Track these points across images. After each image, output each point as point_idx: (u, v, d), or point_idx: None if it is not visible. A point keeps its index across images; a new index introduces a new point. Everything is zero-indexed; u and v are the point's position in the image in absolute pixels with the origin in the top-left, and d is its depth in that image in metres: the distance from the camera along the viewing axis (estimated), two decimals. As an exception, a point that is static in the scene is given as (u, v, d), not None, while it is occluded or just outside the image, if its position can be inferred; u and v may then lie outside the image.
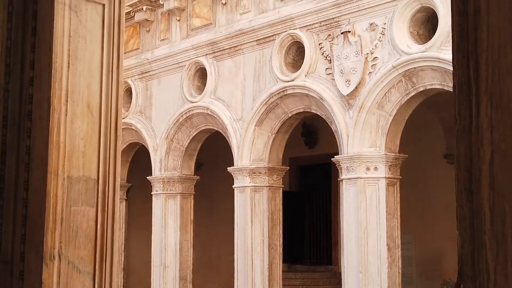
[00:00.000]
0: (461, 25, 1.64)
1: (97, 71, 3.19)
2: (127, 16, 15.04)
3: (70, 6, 3.10)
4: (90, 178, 3.18)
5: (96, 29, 3.20)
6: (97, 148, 3.19)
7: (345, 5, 10.76)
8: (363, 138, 10.47)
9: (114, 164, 3.22)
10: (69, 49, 3.13)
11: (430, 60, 9.73)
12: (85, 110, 3.15)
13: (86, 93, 3.16)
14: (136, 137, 14.90)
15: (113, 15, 3.23)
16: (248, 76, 12.35)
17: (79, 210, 3.13)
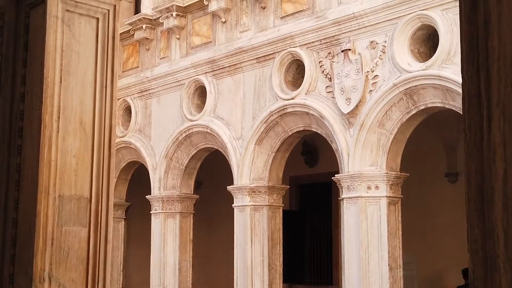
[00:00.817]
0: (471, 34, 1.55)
1: (90, 86, 3.09)
2: (127, 34, 15.03)
3: (63, 20, 3.01)
4: (83, 197, 3.07)
5: (90, 43, 3.11)
6: (89, 166, 3.09)
7: (345, 23, 10.71)
8: (364, 157, 10.37)
9: (108, 183, 3.12)
10: (62, 64, 3.04)
11: (431, 78, 9.65)
12: (77, 126, 3.05)
13: (79, 109, 3.07)
14: (135, 156, 14.81)
15: (107, 29, 3.15)
16: (248, 94, 12.28)
17: (71, 230, 3.02)
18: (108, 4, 3.20)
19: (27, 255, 2.98)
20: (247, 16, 12.48)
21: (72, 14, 3.05)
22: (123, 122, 15.13)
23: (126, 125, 15.00)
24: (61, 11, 3.01)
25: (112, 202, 3.18)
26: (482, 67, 1.49)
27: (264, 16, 12.17)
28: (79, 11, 3.09)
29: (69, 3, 3.04)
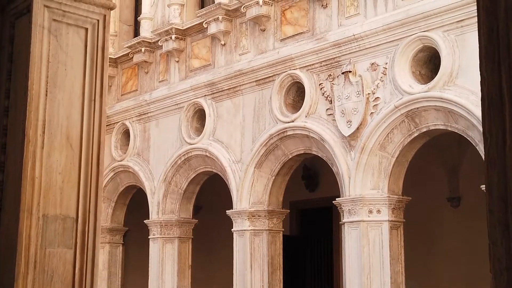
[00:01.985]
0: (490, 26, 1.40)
1: (78, 100, 2.93)
2: (126, 57, 14.97)
3: (49, 30, 2.86)
4: (68, 216, 2.89)
5: (78, 54, 2.96)
6: (76, 183, 2.92)
7: (346, 45, 10.60)
8: (365, 180, 10.20)
9: (95, 202, 2.94)
10: (47, 75, 2.88)
11: (433, 100, 9.52)
12: (63, 142, 2.89)
13: (65, 123, 2.90)
14: (134, 180, 14.64)
15: (96, 40, 3.00)
16: (247, 117, 12.15)
17: (55, 252, 2.84)
18: (98, 14, 3.05)
19: (7, 278, 2.79)
20: (247, 39, 12.39)
21: (59, 24, 2.90)
22: (122, 145, 15.00)
23: (124, 148, 14.86)
24: (48, 20, 2.86)
25: (100, 223, 3.00)
26: (504, 63, 1.34)
27: (264, 39, 12.08)
28: (66, 21, 2.94)
29: (56, 13, 2.89)
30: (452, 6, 9.38)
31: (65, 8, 2.94)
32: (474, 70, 9.33)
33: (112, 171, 14.96)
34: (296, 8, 11.62)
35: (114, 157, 14.98)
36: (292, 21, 11.65)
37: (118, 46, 15.44)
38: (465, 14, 9.29)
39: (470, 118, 9.06)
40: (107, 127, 15.12)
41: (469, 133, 9.32)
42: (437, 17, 9.57)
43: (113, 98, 15.44)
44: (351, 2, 10.77)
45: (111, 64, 15.31)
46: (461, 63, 9.34)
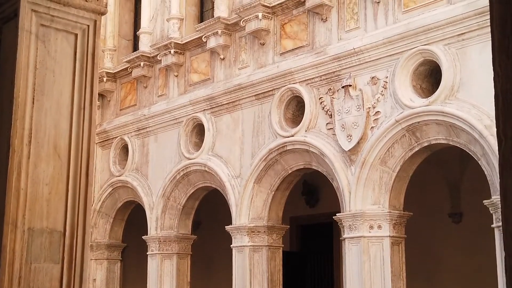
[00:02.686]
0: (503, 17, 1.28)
1: (66, 108, 2.82)
2: (125, 72, 14.89)
3: (37, 35, 2.75)
4: (55, 230, 2.77)
5: (67, 61, 2.84)
6: (64, 195, 2.79)
7: (346, 58, 10.51)
8: (366, 195, 10.08)
9: (84, 215, 2.81)
10: (35, 83, 2.77)
11: (434, 114, 9.41)
12: (51, 152, 2.77)
13: (53, 133, 2.79)
14: (132, 195, 14.52)
15: (86, 46, 2.88)
16: (246, 131, 12.04)
17: (41, 268, 2.71)
18: (88, 19, 2.94)
19: (-9, 295, 2.67)
20: (246, 53, 12.31)
21: (47, 29, 2.79)
22: (120, 161, 14.88)
23: (123, 164, 14.75)
24: (35, 25, 2.76)
25: (89, 236, 2.87)
26: (519, 57, 1.23)
27: (263, 53, 12.00)
28: (55, 26, 2.84)
29: (45, 17, 2.78)
30: (453, 20, 9.30)
31: (54, 13, 2.83)
32: (475, 84, 9.27)
33: (110, 186, 14.84)
34: (295, 22, 11.55)
35: (112, 172, 14.86)
36: (292, 35, 11.57)
37: (117, 60, 15.37)
38: (466, 27, 9.20)
39: (472, 132, 8.94)
40: (106, 142, 15.05)
41: (471, 147, 9.21)
42: (438, 31, 9.48)
43: (111, 113, 15.35)
44: (351, 16, 10.69)
45: (110, 79, 15.23)
46: (462, 76, 9.24)
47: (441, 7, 9.53)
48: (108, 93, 15.38)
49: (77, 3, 2.88)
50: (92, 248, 14.99)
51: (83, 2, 2.89)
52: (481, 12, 8.98)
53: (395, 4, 10.15)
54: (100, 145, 15.36)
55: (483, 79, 9.00)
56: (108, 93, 15.38)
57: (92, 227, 15.02)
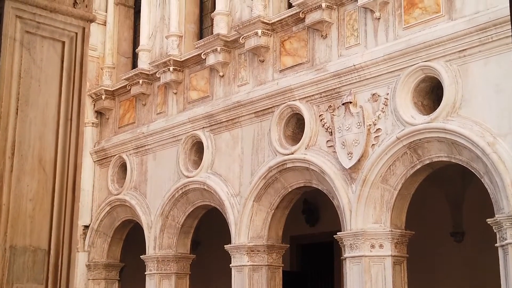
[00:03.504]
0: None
1: (52, 119, 2.68)
2: (123, 90, 14.81)
3: (21, 43, 2.63)
4: (39, 248, 2.62)
5: (54, 70, 2.71)
6: (49, 211, 2.64)
7: (346, 75, 10.41)
8: (367, 214, 9.93)
9: (70, 232, 2.66)
10: (19, 92, 2.63)
11: (436, 131, 9.28)
12: (35, 165, 2.63)
13: (38, 145, 2.65)
14: (130, 214, 14.36)
15: (74, 54, 2.75)
16: (246, 149, 11.92)
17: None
18: (76, 26, 2.81)
19: (-31, 318, 2.51)
20: (245, 70, 12.22)
21: (33, 36, 2.66)
22: (118, 179, 14.75)
23: (121, 182, 14.61)
24: (20, 32, 2.63)
25: (75, 255, 2.72)
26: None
27: (263, 70, 11.91)
28: (41, 33, 2.71)
29: (30, 24, 2.66)
30: (454, 36, 9.20)
31: (40, 19, 2.71)
32: (477, 100, 9.15)
33: (108, 205, 14.70)
34: (295, 39, 11.46)
35: (110, 191, 14.73)
36: (292, 52, 11.48)
37: (115, 78, 15.28)
38: (467, 43, 9.10)
39: (474, 150, 8.81)
40: (104, 161, 14.93)
41: (474, 165, 9.07)
42: (439, 47, 9.38)
43: (110, 130, 15.24)
44: (351, 32, 10.60)
45: (109, 97, 15.14)
46: (464, 93, 9.12)
47: (442, 23, 9.44)
48: (106, 111, 15.28)
49: (64, 9, 2.75)
50: (90, 268, 14.81)
51: (71, 8, 2.77)
52: (482, 28, 8.89)
53: (395, 20, 10.07)
54: (98, 163, 15.24)
55: (485, 96, 8.89)
56: (106, 111, 15.28)
57: (90, 246, 14.86)
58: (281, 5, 12.07)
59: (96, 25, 15.72)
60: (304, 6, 10.96)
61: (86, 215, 15.08)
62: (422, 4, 9.75)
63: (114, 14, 15.70)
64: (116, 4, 15.80)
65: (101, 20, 15.79)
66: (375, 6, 10.15)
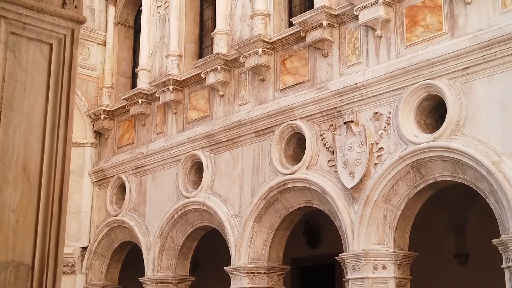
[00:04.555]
0: None
1: (38, 126, 2.52)
2: (123, 110, 14.68)
3: (6, 44, 2.47)
4: (23, 263, 2.44)
5: (40, 73, 2.56)
6: (33, 224, 2.47)
7: (347, 94, 10.28)
8: (369, 235, 9.75)
9: (56, 246, 2.49)
10: (2, 96, 2.47)
11: (439, 150, 9.12)
12: (19, 174, 2.46)
13: (23, 153, 2.48)
14: (129, 236, 14.17)
15: (63, 57, 2.60)
16: (246, 169, 11.77)
17: (5, 307, 2.39)
18: (65, 28, 2.66)
19: None
20: (246, 89, 12.10)
21: (18, 37, 2.51)
22: (117, 200, 14.58)
23: (120, 203, 14.44)
24: (5, 33, 2.48)
25: (61, 271, 2.55)
26: None
27: (263, 89, 11.78)
28: (27, 34, 2.56)
29: (15, 25, 2.51)
30: (457, 53, 9.08)
31: (26, 20, 2.56)
32: (482, 119, 9.00)
33: (106, 226, 14.51)
34: (296, 58, 11.35)
35: (109, 212, 14.55)
36: (292, 71, 11.37)
37: (115, 98, 15.17)
38: (471, 61, 8.98)
39: (479, 169, 8.65)
40: (103, 181, 14.77)
41: (478, 184, 8.90)
42: (442, 65, 9.25)
43: (109, 151, 15.10)
44: (353, 51, 10.49)
45: (108, 117, 15.01)
46: (468, 111, 8.98)
47: (445, 41, 9.32)
48: (105, 131, 15.15)
49: (52, 10, 2.61)
50: (88, 291, 14.61)
51: (59, 9, 2.62)
52: (486, 46, 8.77)
53: (397, 38, 9.96)
54: (97, 184, 15.08)
55: (490, 114, 8.75)
56: (105, 131, 15.15)
57: (88, 268, 14.66)
58: (281, 24, 11.98)
59: (96, 45, 15.68)
60: (305, 25, 10.86)
61: (84, 237, 14.89)
62: (425, 22, 9.64)
63: (113, 34, 15.64)
64: (115, 24, 15.74)
65: (101, 40, 15.74)
66: (377, 24, 10.04)
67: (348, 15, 10.53)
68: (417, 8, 9.77)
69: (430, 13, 9.59)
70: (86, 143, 15.18)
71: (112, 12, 15.78)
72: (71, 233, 14.75)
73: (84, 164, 15.13)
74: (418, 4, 9.76)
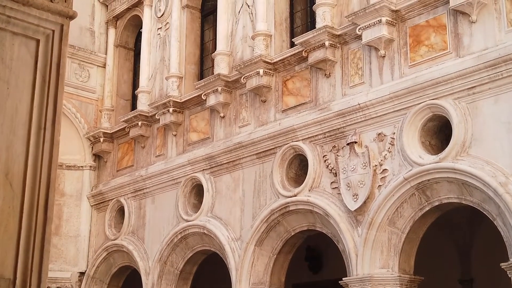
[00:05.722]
0: None
1: (23, 127, 2.32)
2: (122, 132, 14.51)
3: (-12, 39, 2.30)
4: (3, 277, 2.23)
5: (26, 71, 2.37)
6: (16, 234, 2.26)
7: (350, 114, 10.10)
8: (374, 258, 9.51)
9: (40, 258, 2.27)
10: (-17, 95, 2.30)
11: (445, 171, 8.92)
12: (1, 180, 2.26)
13: (5, 156, 2.28)
14: (128, 260, 13.92)
15: (50, 54, 2.41)
16: (247, 192, 11.56)
17: (-18, 325, 2.18)
18: (53, 23, 2.48)
19: None
20: (247, 110, 11.93)
21: (2, 32, 2.33)
22: (116, 224, 14.36)
23: (118, 227, 14.22)
24: (-13, 27, 2.31)
25: (45, 286, 2.34)
26: None
27: (265, 110, 11.62)
28: (12, 29, 2.38)
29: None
30: (463, 73, 8.91)
31: (11, 13, 2.38)
32: (488, 139, 8.80)
33: (105, 250, 14.26)
34: (298, 78, 11.20)
35: (107, 236, 14.32)
36: (294, 91, 11.21)
37: (114, 120, 15.01)
38: (476, 80, 8.81)
39: (486, 190, 8.43)
40: (102, 205, 14.55)
41: (486, 206, 8.68)
42: (447, 84, 9.09)
43: (108, 174, 14.90)
44: (356, 71, 10.34)
45: (107, 140, 14.84)
46: (474, 131, 8.79)
47: (450, 61, 9.16)
48: (105, 154, 14.97)
49: (40, 3, 2.42)
50: (85, 317, 14.32)
51: (47, 2, 2.44)
52: (492, 65, 8.61)
53: (401, 58, 9.81)
54: (95, 208, 14.87)
55: (497, 134, 8.56)
56: (105, 154, 14.97)
57: (85, 294, 14.39)
58: (283, 44, 11.84)
59: (96, 68, 15.57)
60: (307, 45, 10.72)
61: (82, 261, 14.64)
62: (429, 42, 9.50)
63: (114, 56, 15.54)
64: (116, 46, 15.64)
65: (101, 62, 15.63)
66: (380, 44, 9.90)
67: (350, 35, 10.39)
68: (420, 28, 9.63)
69: (434, 32, 9.44)
70: (85, 166, 15.00)
71: (113, 34, 15.69)
72: (69, 258, 14.52)
73: (82, 187, 14.94)
74: (421, 23, 9.63)
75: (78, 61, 15.32)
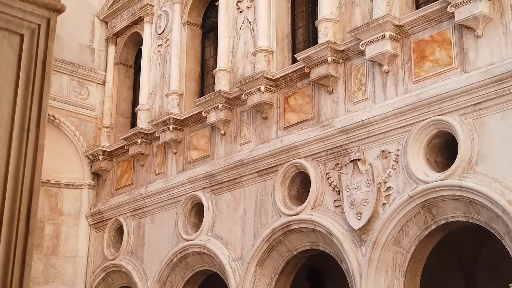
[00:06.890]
0: None
1: (4, 129, 2.12)
2: (121, 150, 14.32)
3: (-32, 33, 2.11)
4: (-20, 294, 2.03)
5: (8, 68, 2.17)
6: (-6, 246, 2.07)
7: (354, 131, 9.90)
8: (378, 278, 9.28)
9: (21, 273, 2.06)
10: (-39, 93, 2.10)
11: (451, 189, 8.70)
12: (-21, 186, 2.07)
13: (-16, 160, 2.10)
14: (126, 281, 13.66)
15: (36, 50, 2.21)
16: (248, 210, 11.34)
17: None
18: (39, 16, 2.28)
19: None
20: (248, 128, 11.74)
21: (-17, 26, 2.14)
22: (114, 243, 14.12)
23: (117, 246, 13.97)
24: (-33, 20, 2.11)
25: (26, 303, 2.13)
26: None
27: (266, 127, 11.43)
28: (-6, 22, 2.19)
29: (-20, 11, 2.14)
30: (468, 88, 8.73)
31: (-7, 6, 2.20)
32: (496, 156, 8.58)
33: (103, 271, 14.01)
34: (300, 95, 11.03)
35: (106, 256, 14.07)
36: (296, 108, 11.02)
37: (114, 138, 14.82)
38: (483, 96, 8.62)
39: (494, 208, 8.21)
40: (100, 224, 14.31)
41: (493, 225, 8.45)
42: (452, 100, 8.89)
43: (107, 193, 14.68)
44: (359, 87, 10.16)
45: (106, 158, 14.64)
46: (480, 148, 8.58)
47: (455, 76, 8.98)
48: (104, 172, 14.77)
49: (25, -6, 2.25)
50: None
51: (32, -6, 2.26)
52: (498, 80, 8.43)
53: (405, 74, 9.63)
54: (94, 227, 14.63)
55: (504, 151, 8.35)
56: (104, 172, 14.77)
57: (83, 316, 14.13)
58: (285, 61, 11.68)
59: (95, 85, 15.43)
60: (309, 61, 10.55)
61: (80, 282, 14.38)
62: (433, 57, 9.32)
63: (113, 73, 15.39)
64: (116, 64, 15.50)
65: (100, 80, 15.48)
66: (384, 59, 9.73)
67: (353, 51, 10.23)
68: (425, 43, 9.47)
69: (439, 47, 9.28)
70: (83, 184, 14.79)
71: (112, 51, 15.55)
72: (67, 278, 14.26)
73: (81, 206, 14.72)
74: (426, 38, 9.46)
75: (78, 79, 15.18)
